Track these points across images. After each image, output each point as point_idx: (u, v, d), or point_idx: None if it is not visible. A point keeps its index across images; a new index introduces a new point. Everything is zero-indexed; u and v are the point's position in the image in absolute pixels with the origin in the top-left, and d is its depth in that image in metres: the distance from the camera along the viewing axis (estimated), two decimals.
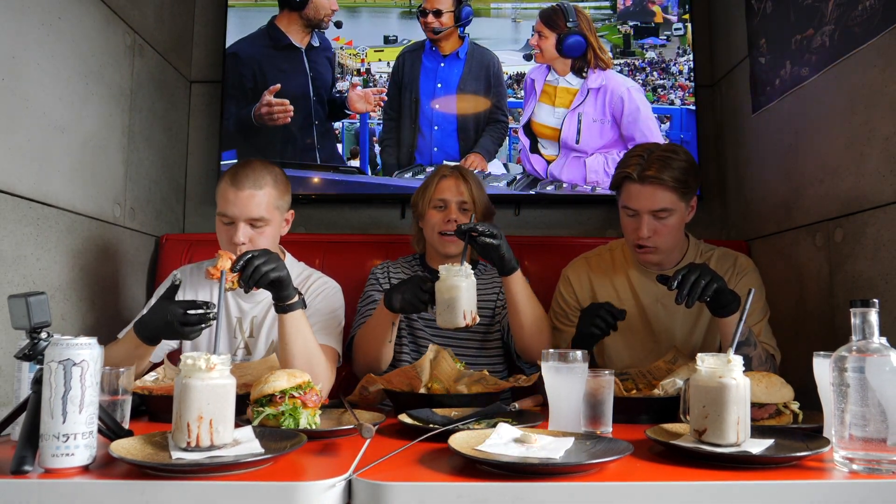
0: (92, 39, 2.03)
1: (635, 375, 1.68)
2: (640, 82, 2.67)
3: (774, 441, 1.14)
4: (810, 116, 2.04)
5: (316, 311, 1.80)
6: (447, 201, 1.95)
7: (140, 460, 0.99)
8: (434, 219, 1.95)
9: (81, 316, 1.97)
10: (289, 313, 1.58)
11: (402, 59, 2.70)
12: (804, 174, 2.08)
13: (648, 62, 2.69)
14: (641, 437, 1.19)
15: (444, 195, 1.95)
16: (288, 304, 1.58)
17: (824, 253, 1.96)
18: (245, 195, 1.71)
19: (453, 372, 1.62)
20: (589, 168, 2.63)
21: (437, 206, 1.96)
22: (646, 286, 1.87)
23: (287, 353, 1.60)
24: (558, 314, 1.94)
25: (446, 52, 2.70)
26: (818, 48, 1.99)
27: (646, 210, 1.73)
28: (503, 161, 2.66)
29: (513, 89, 2.69)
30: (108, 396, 1.24)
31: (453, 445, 1.06)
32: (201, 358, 1.04)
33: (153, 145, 2.46)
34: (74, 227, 1.95)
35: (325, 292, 1.86)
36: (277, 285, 1.54)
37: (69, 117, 1.92)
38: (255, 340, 1.83)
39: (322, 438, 1.25)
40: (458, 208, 1.94)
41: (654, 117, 2.65)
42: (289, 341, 1.59)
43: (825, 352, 1.22)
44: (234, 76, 2.68)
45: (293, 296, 1.58)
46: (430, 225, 1.97)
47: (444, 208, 1.95)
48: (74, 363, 0.99)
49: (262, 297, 1.83)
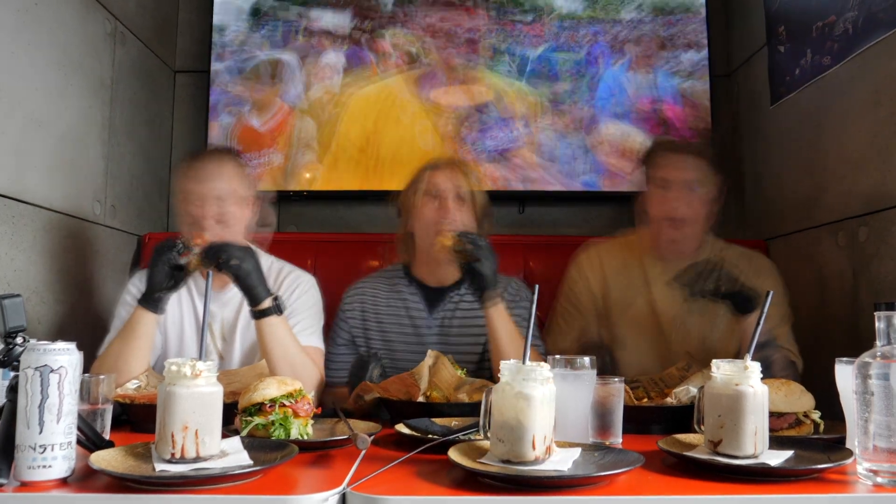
0: (70, 27, 2.04)
1: (646, 383, 1.68)
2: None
3: (794, 452, 1.14)
4: (832, 108, 2.04)
5: (294, 311, 1.78)
6: (441, 191, 1.85)
7: (121, 473, 0.99)
8: (427, 213, 1.85)
9: (59, 320, 1.98)
10: (263, 319, 1.58)
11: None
12: (826, 169, 2.08)
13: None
14: (653, 449, 1.19)
15: (438, 186, 1.86)
16: (260, 308, 1.57)
17: (847, 253, 1.96)
18: (206, 186, 1.71)
19: (453, 379, 1.62)
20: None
21: (429, 198, 1.86)
22: (656, 268, 1.89)
23: (269, 363, 1.61)
24: (566, 311, 1.94)
25: None
26: (841, 35, 1.99)
27: (682, 179, 1.78)
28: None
29: None
30: (87, 405, 1.24)
31: (453, 457, 1.06)
32: (186, 364, 1.04)
33: (135, 139, 2.46)
34: (52, 226, 1.95)
35: (300, 287, 1.84)
36: (242, 277, 1.54)
37: (46, 110, 1.92)
38: (228, 346, 1.82)
39: (314, 450, 1.25)
40: (454, 200, 1.85)
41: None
42: (267, 349, 1.60)
43: (848, 358, 1.22)
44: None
45: (263, 297, 1.57)
46: (422, 222, 1.86)
47: (438, 200, 1.85)
48: (52, 370, 1.00)
49: (230, 296, 1.81)
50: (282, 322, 1.61)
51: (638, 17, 2.70)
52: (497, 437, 1.06)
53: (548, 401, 1.06)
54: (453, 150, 2.64)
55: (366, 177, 2.67)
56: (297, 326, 1.73)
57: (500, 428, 1.06)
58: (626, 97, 2.68)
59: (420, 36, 2.71)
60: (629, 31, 2.70)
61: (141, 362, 1.64)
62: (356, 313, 1.93)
